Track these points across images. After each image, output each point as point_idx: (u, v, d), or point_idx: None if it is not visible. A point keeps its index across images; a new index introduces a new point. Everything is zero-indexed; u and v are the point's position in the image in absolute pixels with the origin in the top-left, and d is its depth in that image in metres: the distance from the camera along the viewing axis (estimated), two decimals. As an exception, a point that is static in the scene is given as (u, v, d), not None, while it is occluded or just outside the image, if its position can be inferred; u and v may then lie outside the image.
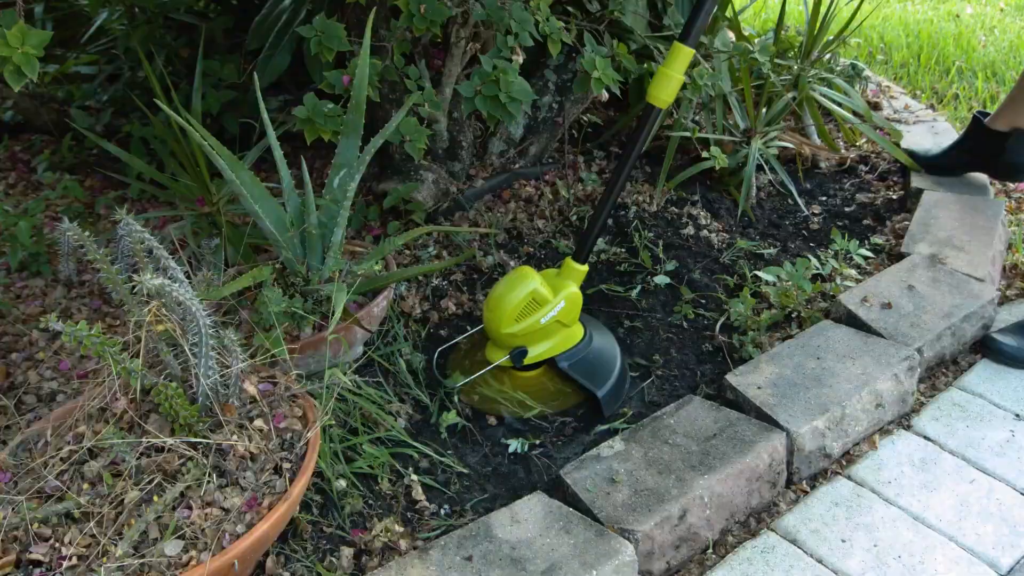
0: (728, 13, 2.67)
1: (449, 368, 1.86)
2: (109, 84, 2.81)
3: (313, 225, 1.69)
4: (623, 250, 2.23)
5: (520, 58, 1.71)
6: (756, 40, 2.60)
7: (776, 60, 2.69)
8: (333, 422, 1.63)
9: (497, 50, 1.71)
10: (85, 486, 1.30)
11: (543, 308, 1.73)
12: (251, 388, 1.35)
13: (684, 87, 2.08)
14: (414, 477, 1.60)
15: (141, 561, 1.20)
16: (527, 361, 1.77)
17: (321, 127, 1.76)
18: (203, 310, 1.26)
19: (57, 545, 1.24)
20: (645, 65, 2.39)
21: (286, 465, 1.34)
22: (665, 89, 1.63)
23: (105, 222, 2.32)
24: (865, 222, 2.39)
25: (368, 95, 1.84)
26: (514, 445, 1.68)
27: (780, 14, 2.46)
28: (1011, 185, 2.60)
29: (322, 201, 1.69)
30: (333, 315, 1.46)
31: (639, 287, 2.10)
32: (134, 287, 1.17)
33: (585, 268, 1.77)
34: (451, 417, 1.71)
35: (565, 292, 1.74)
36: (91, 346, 1.21)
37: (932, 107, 3.16)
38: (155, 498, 1.26)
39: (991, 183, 2.51)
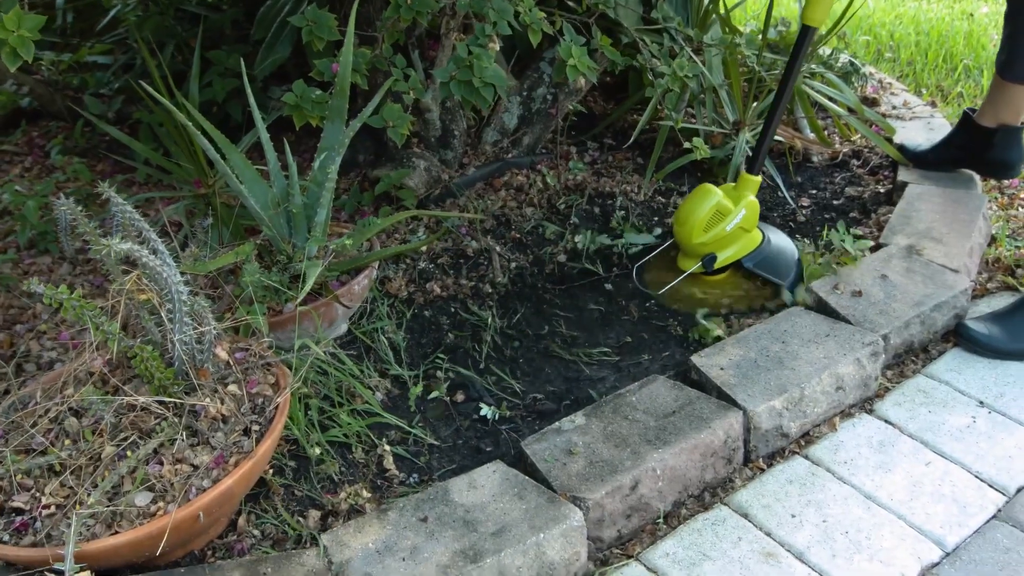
0: (721, 9, 2.71)
1: (647, 280, 2.11)
2: (124, 73, 2.92)
3: (297, 205, 1.77)
4: (606, 236, 2.28)
5: (497, 46, 1.78)
6: (744, 33, 2.63)
7: (771, 54, 2.72)
8: (311, 392, 1.71)
9: (475, 38, 1.78)
10: (67, 442, 1.39)
11: (727, 217, 1.98)
12: (222, 353, 1.43)
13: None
14: (386, 447, 1.67)
15: (113, 509, 1.28)
16: (717, 265, 2.02)
17: (308, 112, 1.84)
18: (176, 276, 1.34)
19: (38, 495, 1.33)
20: (639, 58, 2.44)
21: (255, 427, 1.42)
22: (818, 9, 1.83)
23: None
24: (852, 215, 2.42)
25: (356, 82, 1.91)
26: (486, 411, 1.74)
27: (768, 8, 2.50)
28: (1004, 181, 2.61)
29: (304, 182, 1.77)
30: (302, 287, 1.53)
31: (621, 273, 2.16)
32: (107, 252, 1.25)
33: (759, 179, 2.01)
34: (418, 390, 1.78)
35: (744, 201, 1.99)
36: (71, 309, 1.30)
37: (933, 104, 3.17)
38: (129, 453, 1.34)
39: (983, 178, 2.53)
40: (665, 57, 2.21)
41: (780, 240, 2.11)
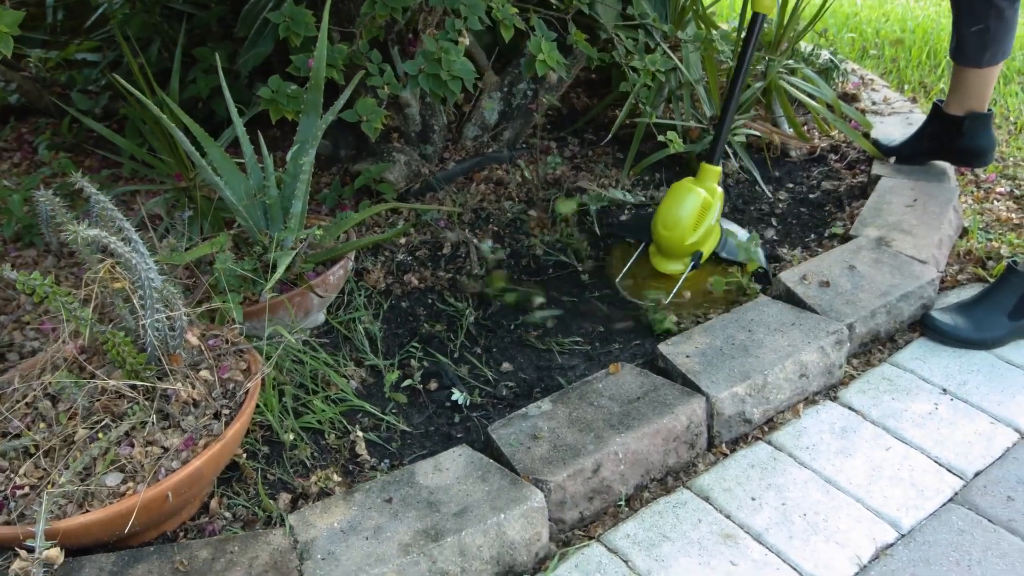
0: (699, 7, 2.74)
1: (630, 291, 2.06)
2: (111, 69, 2.95)
3: (272, 197, 1.80)
4: (579, 229, 2.32)
5: (467, 40, 1.81)
6: (720, 30, 2.67)
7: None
8: (286, 380, 1.75)
9: (445, 32, 1.81)
10: (42, 425, 1.43)
11: (710, 211, 1.99)
12: (193, 339, 1.46)
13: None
14: (359, 433, 1.70)
15: (84, 489, 1.32)
16: (703, 260, 2.03)
17: (283, 107, 1.88)
18: (147, 263, 1.38)
19: (12, 476, 1.36)
20: (614, 53, 2.48)
21: (225, 411, 1.46)
22: None
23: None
24: (827, 208, 2.45)
25: (333, 78, 1.95)
26: (457, 396, 1.78)
27: (743, 5, 2.53)
28: (981, 175, 2.64)
29: (280, 174, 1.81)
30: (272, 275, 1.57)
31: (592, 264, 2.19)
32: (74, 238, 1.29)
33: (719, 168, 2.02)
34: (393, 377, 1.82)
35: (717, 192, 2.02)
36: (42, 295, 1.33)
37: (913, 99, 3.21)
38: (101, 436, 1.38)
39: (960, 172, 2.56)
40: (640, 52, 2.24)
41: (729, 225, 2.14)
